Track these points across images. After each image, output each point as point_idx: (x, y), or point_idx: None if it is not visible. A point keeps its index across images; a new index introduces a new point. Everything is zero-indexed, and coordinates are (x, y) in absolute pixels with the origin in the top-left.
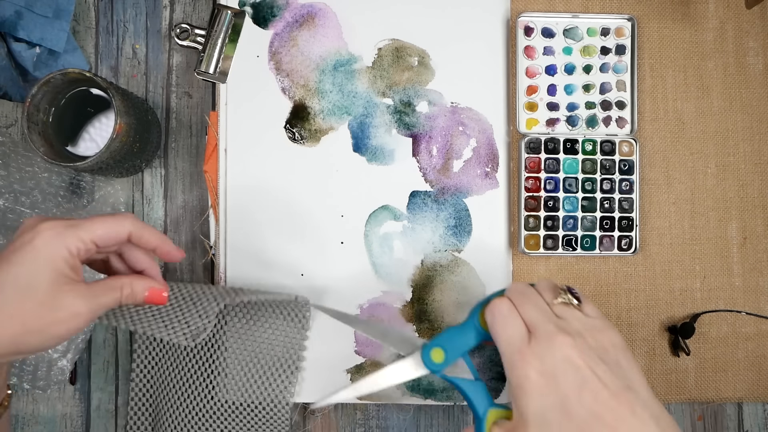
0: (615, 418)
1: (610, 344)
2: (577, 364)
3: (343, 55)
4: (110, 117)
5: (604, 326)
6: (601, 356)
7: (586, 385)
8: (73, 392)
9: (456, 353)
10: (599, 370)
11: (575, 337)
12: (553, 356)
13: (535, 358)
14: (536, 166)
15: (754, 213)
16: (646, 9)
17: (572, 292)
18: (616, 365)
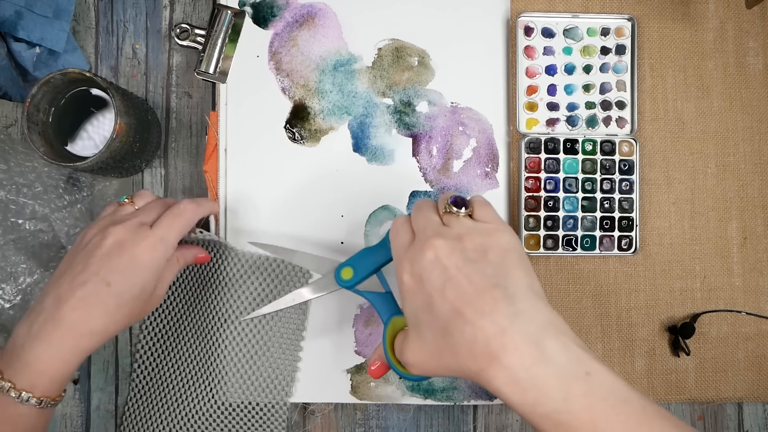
0: (475, 313)
1: (494, 246)
2: (444, 264)
3: (343, 55)
4: (110, 117)
5: (494, 229)
6: (473, 257)
7: (449, 283)
8: (73, 392)
9: (365, 270)
10: (467, 269)
11: (448, 240)
12: (422, 259)
13: (408, 262)
14: (536, 166)
15: (754, 213)
16: (646, 9)
17: (456, 201)
18: (491, 265)
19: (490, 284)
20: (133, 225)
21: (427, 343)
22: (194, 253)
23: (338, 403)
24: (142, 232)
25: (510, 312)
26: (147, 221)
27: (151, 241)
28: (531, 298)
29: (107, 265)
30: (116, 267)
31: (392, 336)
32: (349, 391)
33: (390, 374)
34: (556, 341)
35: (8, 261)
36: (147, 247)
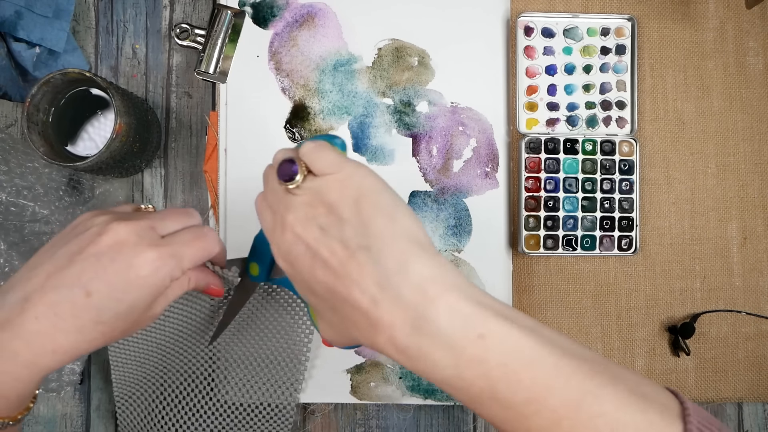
0: (346, 288)
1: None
2: (304, 240)
3: (343, 55)
4: (110, 117)
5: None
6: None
7: (315, 261)
8: (73, 392)
9: (266, 260)
10: (326, 240)
11: (298, 212)
12: (285, 241)
13: (276, 247)
14: (536, 166)
15: (754, 213)
16: (646, 9)
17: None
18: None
19: (353, 249)
20: (143, 227)
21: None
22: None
23: (338, 403)
24: (151, 239)
25: (378, 277)
26: (162, 228)
27: (160, 252)
28: (401, 251)
29: (94, 268)
30: (104, 274)
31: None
32: (349, 391)
33: (390, 374)
34: (438, 302)
35: (9, 263)
36: (152, 258)
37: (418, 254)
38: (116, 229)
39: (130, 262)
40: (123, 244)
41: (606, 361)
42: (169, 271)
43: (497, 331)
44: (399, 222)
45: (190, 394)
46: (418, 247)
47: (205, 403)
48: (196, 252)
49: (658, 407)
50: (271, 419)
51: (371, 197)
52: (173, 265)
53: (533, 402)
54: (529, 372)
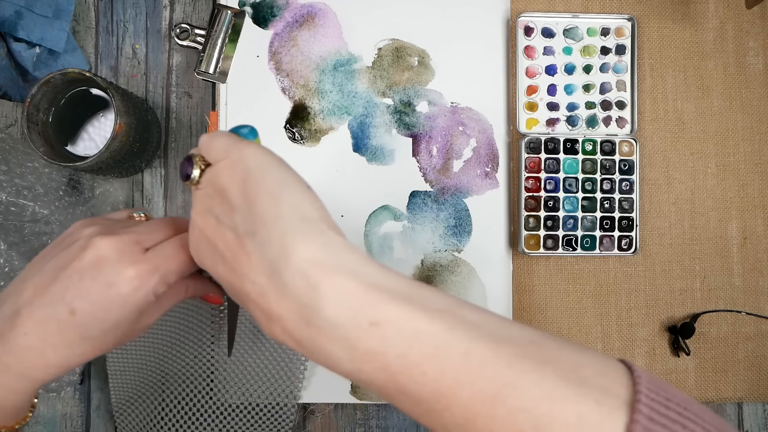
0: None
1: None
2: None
3: (343, 55)
4: (110, 117)
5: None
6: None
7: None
8: (73, 392)
9: None
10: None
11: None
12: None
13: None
14: (536, 166)
15: (754, 213)
16: (646, 9)
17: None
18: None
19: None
20: (125, 242)
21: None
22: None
23: (338, 403)
24: (132, 255)
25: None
26: (145, 241)
27: (139, 270)
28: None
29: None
30: (87, 292)
31: None
32: (349, 391)
33: None
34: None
35: (9, 263)
36: (132, 276)
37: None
38: (98, 244)
39: (111, 281)
40: (104, 262)
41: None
42: (151, 288)
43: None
44: (285, 200)
45: (189, 396)
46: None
47: (204, 405)
48: (180, 264)
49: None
50: (271, 419)
51: (255, 176)
52: (156, 281)
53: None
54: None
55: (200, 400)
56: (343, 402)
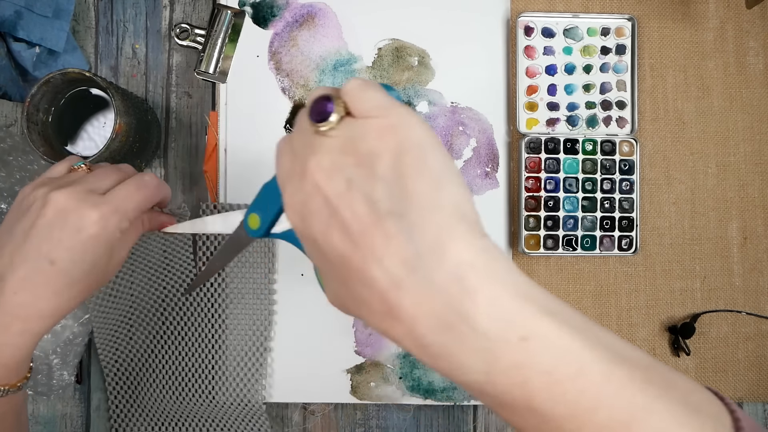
0: (364, 260)
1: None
2: (324, 193)
3: (343, 55)
4: (110, 117)
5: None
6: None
7: (332, 219)
8: (73, 392)
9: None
10: (350, 196)
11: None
12: (301, 191)
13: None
14: (536, 166)
15: (754, 213)
16: (646, 9)
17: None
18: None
19: (381, 213)
20: (80, 191)
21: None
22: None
23: (338, 403)
24: (91, 200)
25: (408, 254)
26: (98, 188)
27: (102, 212)
28: (439, 225)
29: (50, 239)
30: (60, 242)
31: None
32: (349, 391)
33: (390, 375)
34: (478, 295)
35: None
36: (97, 218)
37: (462, 233)
38: (56, 198)
39: (78, 226)
40: (66, 211)
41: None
42: (116, 224)
43: (543, 333)
44: (446, 189)
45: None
46: (463, 223)
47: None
48: (137, 202)
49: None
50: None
51: (417, 153)
52: (118, 218)
53: (576, 417)
54: (575, 383)
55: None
56: (343, 402)
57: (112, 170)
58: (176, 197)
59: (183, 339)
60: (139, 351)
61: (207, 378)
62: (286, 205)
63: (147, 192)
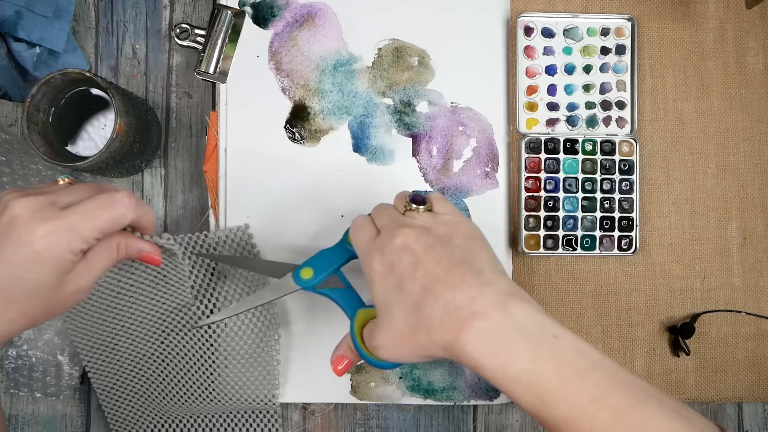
0: (445, 287)
1: (458, 234)
2: (412, 248)
3: (343, 55)
4: (110, 117)
5: (456, 220)
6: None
7: (419, 264)
8: (73, 392)
9: (325, 270)
10: (435, 252)
11: (416, 228)
12: (392, 246)
13: (378, 251)
14: (536, 166)
15: (754, 213)
16: (646, 9)
17: (416, 199)
18: (457, 247)
19: (458, 261)
20: (41, 202)
21: (398, 323)
22: (141, 248)
23: (338, 403)
24: (47, 213)
25: (477, 282)
26: (61, 201)
27: (53, 226)
28: (495, 272)
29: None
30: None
31: (360, 327)
32: (349, 391)
33: (390, 374)
34: (522, 307)
35: None
36: (45, 232)
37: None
38: (13, 205)
39: (24, 239)
40: (16, 221)
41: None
42: (66, 245)
43: (567, 336)
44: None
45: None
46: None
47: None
48: (98, 221)
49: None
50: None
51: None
52: (70, 237)
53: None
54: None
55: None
56: (343, 402)
57: (87, 186)
58: (176, 197)
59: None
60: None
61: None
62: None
63: (114, 212)
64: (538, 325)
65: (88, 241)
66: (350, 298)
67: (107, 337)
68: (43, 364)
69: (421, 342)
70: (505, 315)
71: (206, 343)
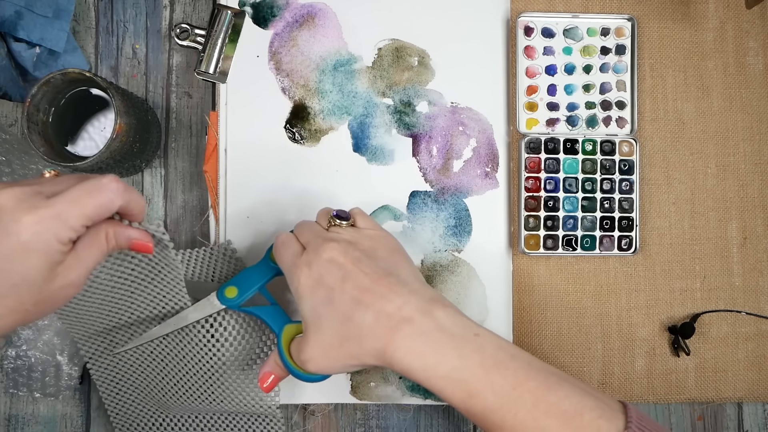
0: (374, 297)
1: (381, 246)
2: (340, 262)
3: (343, 55)
4: (110, 117)
5: (378, 234)
6: (365, 254)
7: (347, 276)
8: (73, 392)
9: (249, 288)
10: (362, 265)
11: (341, 243)
12: (319, 260)
13: (305, 266)
14: (536, 166)
15: (754, 213)
16: (646, 9)
17: (340, 215)
18: (382, 260)
19: (385, 273)
20: (26, 192)
21: (328, 335)
22: (130, 235)
23: (338, 403)
24: (31, 202)
25: (404, 292)
26: (47, 191)
27: (39, 216)
28: (419, 282)
29: None
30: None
31: (287, 342)
32: (349, 391)
33: (390, 375)
34: (445, 311)
35: None
36: (31, 222)
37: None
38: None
39: (9, 230)
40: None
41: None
42: (53, 234)
43: (486, 333)
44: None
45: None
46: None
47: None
48: (86, 208)
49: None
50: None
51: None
52: (57, 226)
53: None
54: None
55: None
56: (343, 402)
57: (73, 176)
58: (176, 197)
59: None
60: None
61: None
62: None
63: (101, 197)
64: (459, 326)
65: (75, 229)
66: (275, 314)
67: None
68: (42, 365)
69: (352, 351)
70: (431, 319)
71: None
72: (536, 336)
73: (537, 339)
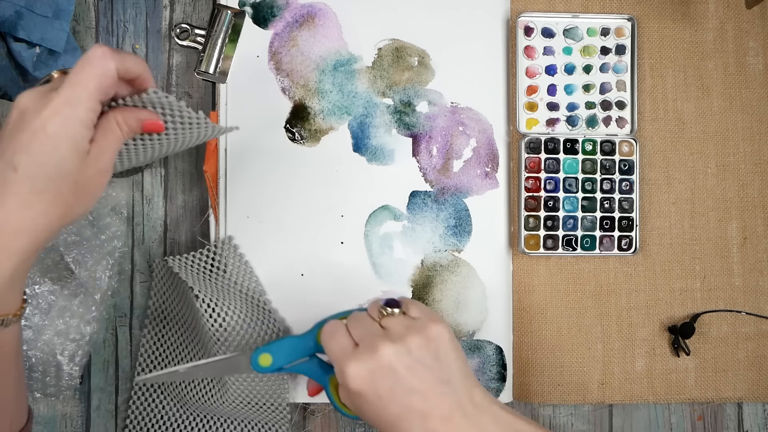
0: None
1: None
2: (395, 367)
3: (343, 55)
4: None
5: (427, 323)
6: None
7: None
8: (73, 392)
9: (285, 360)
10: (414, 370)
11: (395, 343)
12: (373, 363)
13: (357, 363)
14: (536, 166)
15: (754, 213)
16: (646, 9)
17: (390, 303)
18: (434, 359)
19: (437, 382)
20: (40, 91)
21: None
22: (139, 116)
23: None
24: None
25: (454, 403)
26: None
27: (53, 107)
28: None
29: (12, 143)
30: (21, 145)
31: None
32: None
33: None
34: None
35: None
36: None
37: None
38: (19, 100)
39: (35, 126)
40: (25, 113)
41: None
42: (74, 117)
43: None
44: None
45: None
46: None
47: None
48: (88, 84)
49: None
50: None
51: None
52: (71, 110)
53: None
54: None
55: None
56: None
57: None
58: (176, 197)
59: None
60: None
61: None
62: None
63: (95, 68)
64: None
65: (91, 107)
66: (317, 367)
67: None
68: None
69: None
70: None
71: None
72: (536, 336)
73: (537, 339)
